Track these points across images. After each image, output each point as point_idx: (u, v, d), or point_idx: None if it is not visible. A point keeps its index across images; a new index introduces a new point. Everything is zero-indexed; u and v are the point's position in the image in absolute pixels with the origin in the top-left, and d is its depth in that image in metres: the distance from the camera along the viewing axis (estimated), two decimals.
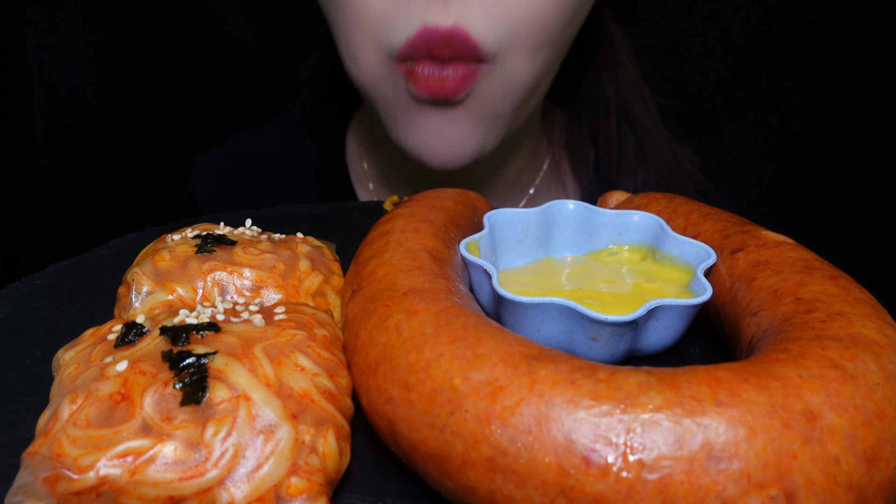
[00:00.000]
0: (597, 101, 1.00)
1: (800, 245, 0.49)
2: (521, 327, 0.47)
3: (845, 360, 0.35)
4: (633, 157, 1.00)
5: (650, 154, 1.00)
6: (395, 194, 1.00)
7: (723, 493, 0.31)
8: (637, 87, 1.00)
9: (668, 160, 1.01)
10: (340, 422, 0.40)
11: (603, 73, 0.98)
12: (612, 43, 0.98)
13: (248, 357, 0.40)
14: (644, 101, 1.00)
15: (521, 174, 1.01)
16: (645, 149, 1.00)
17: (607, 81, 0.98)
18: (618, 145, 1.00)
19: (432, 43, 0.73)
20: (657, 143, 1.00)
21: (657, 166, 1.00)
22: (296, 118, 1.15)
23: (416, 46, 0.73)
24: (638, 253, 0.56)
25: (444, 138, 0.79)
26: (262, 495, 0.36)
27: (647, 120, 1.00)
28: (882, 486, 0.33)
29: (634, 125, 0.99)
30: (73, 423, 0.36)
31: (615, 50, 0.98)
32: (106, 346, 0.42)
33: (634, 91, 0.99)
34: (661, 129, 1.02)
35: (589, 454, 0.32)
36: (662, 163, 1.00)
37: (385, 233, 0.52)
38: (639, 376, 0.35)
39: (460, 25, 0.72)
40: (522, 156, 0.99)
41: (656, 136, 1.00)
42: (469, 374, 0.36)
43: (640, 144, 1.00)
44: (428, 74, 0.75)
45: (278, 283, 0.51)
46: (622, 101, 0.99)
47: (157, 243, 0.55)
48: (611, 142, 1.00)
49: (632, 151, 1.00)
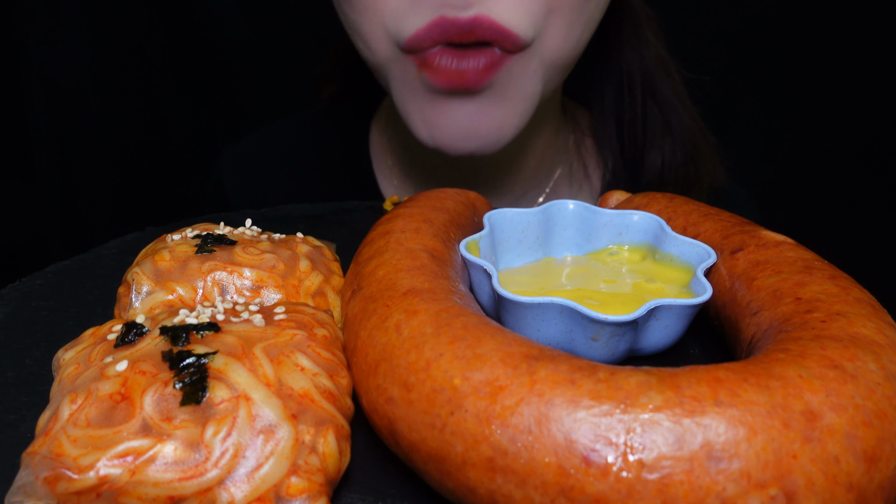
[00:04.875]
0: (620, 74, 0.96)
1: (800, 245, 0.49)
2: (521, 327, 0.47)
3: (845, 360, 0.35)
4: (659, 131, 0.96)
5: (676, 129, 0.96)
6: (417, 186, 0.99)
7: (723, 493, 0.31)
8: (662, 61, 0.96)
9: (694, 135, 0.98)
10: (340, 422, 0.40)
11: (626, 48, 0.95)
12: (635, 18, 0.94)
13: (248, 357, 0.40)
14: (669, 76, 0.97)
15: (543, 161, 0.98)
16: (671, 124, 0.96)
17: (631, 57, 0.95)
18: (643, 120, 0.96)
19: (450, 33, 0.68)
20: (683, 117, 0.97)
21: (683, 141, 0.96)
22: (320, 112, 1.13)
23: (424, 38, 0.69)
24: (638, 253, 0.56)
25: (463, 129, 0.74)
26: (262, 495, 0.36)
27: (673, 95, 0.96)
28: (882, 486, 0.33)
29: (659, 100, 0.96)
30: (73, 422, 0.36)
31: (639, 25, 0.94)
32: (106, 345, 0.42)
33: (659, 65, 0.96)
34: (688, 103, 0.98)
35: (589, 454, 0.32)
36: (689, 137, 0.97)
37: (385, 233, 0.52)
38: (639, 376, 0.35)
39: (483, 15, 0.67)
40: (543, 143, 0.96)
41: (682, 112, 0.97)
42: (469, 374, 0.36)
43: (665, 120, 0.96)
44: (446, 65, 0.70)
45: (278, 283, 0.51)
46: (647, 76, 0.95)
47: (157, 243, 0.55)
48: (636, 118, 0.96)
49: (658, 126, 0.96)
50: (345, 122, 1.08)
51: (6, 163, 1.52)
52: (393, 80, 0.77)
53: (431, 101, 0.74)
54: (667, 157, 0.96)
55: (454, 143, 0.75)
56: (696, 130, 0.98)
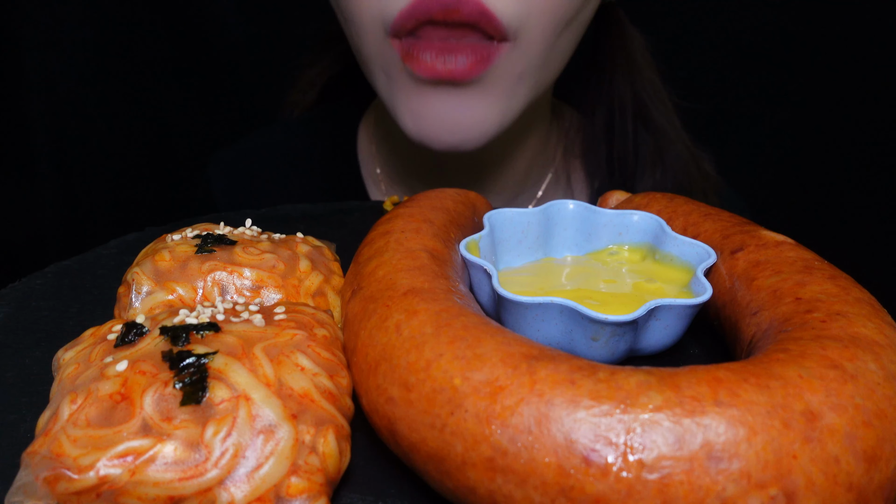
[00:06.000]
0: (612, 101, 0.96)
1: (800, 245, 0.49)
2: (521, 327, 0.47)
3: (845, 360, 0.35)
4: (650, 158, 0.96)
5: (667, 156, 0.96)
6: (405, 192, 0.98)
7: (723, 493, 0.31)
8: (654, 86, 0.97)
9: (685, 162, 0.97)
10: (340, 422, 0.40)
11: (618, 72, 0.95)
12: (627, 42, 0.95)
13: (248, 357, 0.40)
14: (661, 102, 0.97)
15: (532, 169, 0.98)
16: (662, 151, 0.96)
17: (622, 81, 0.95)
18: (634, 147, 0.96)
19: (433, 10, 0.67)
20: (674, 144, 0.97)
21: (674, 169, 0.96)
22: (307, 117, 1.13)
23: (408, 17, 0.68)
24: (638, 253, 0.56)
25: (448, 122, 0.74)
26: (262, 495, 0.36)
27: (665, 121, 0.96)
28: (882, 486, 0.33)
29: (650, 126, 0.96)
30: (73, 423, 0.36)
31: (631, 50, 0.95)
32: (106, 345, 0.42)
33: (651, 90, 0.96)
34: (680, 130, 0.98)
35: (589, 454, 0.32)
36: (680, 165, 0.97)
37: (385, 233, 0.52)
38: (639, 376, 0.35)
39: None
40: (531, 149, 0.95)
41: (673, 138, 0.97)
42: (469, 374, 0.36)
43: (656, 146, 0.96)
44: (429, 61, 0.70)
45: (278, 282, 0.51)
46: (638, 102, 0.96)
47: (157, 243, 0.55)
48: (626, 143, 0.96)
49: (648, 153, 0.96)
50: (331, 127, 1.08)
51: (6, 163, 1.52)
52: (381, 73, 0.77)
53: (417, 91, 0.74)
54: (657, 186, 0.96)
55: (439, 136, 0.75)
56: (689, 159, 0.98)
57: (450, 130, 0.75)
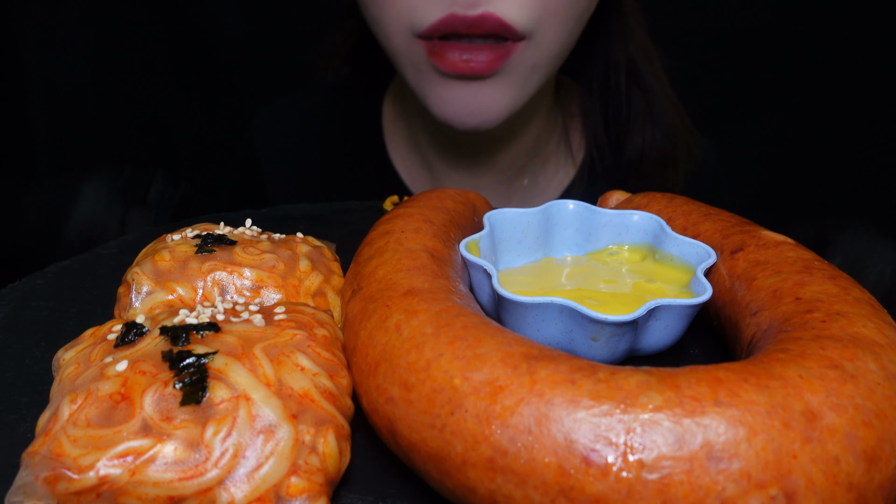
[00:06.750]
0: (607, 64, 1.06)
1: (800, 245, 0.49)
2: (521, 327, 0.47)
3: (845, 360, 0.35)
4: (641, 115, 1.06)
5: (657, 113, 1.05)
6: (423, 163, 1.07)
7: (723, 493, 0.31)
8: (646, 49, 1.06)
9: (673, 118, 1.07)
10: (340, 422, 0.40)
11: (614, 38, 1.04)
12: (622, 9, 1.03)
13: (248, 357, 0.40)
14: (652, 64, 1.06)
15: (539, 138, 1.08)
16: (652, 108, 1.05)
17: (617, 46, 1.04)
18: (627, 105, 1.06)
19: (459, 27, 0.78)
20: (663, 102, 1.06)
21: (663, 124, 1.06)
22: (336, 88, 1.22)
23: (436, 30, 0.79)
24: (638, 253, 0.56)
25: (469, 107, 0.86)
26: (262, 495, 0.36)
27: (655, 81, 1.06)
28: (882, 486, 0.33)
29: (643, 86, 1.05)
30: (73, 423, 0.36)
31: (625, 16, 1.04)
32: (106, 345, 0.42)
33: (643, 53, 1.05)
34: (669, 89, 1.08)
35: (589, 454, 0.32)
36: (668, 120, 1.06)
37: (385, 233, 0.52)
38: (639, 376, 0.35)
39: (489, 12, 0.78)
40: (539, 121, 1.06)
41: (663, 97, 1.06)
42: (469, 374, 0.36)
43: (647, 104, 1.05)
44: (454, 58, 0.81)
45: (278, 282, 0.50)
46: (631, 63, 1.05)
47: (157, 243, 0.55)
48: (620, 101, 1.06)
49: (640, 109, 1.06)
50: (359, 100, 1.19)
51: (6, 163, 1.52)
52: (409, 66, 0.88)
53: (442, 82, 0.85)
54: (647, 138, 1.06)
55: (461, 119, 0.87)
56: (675, 114, 1.08)
57: (471, 114, 0.87)
